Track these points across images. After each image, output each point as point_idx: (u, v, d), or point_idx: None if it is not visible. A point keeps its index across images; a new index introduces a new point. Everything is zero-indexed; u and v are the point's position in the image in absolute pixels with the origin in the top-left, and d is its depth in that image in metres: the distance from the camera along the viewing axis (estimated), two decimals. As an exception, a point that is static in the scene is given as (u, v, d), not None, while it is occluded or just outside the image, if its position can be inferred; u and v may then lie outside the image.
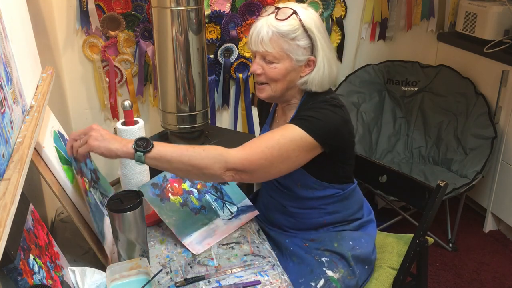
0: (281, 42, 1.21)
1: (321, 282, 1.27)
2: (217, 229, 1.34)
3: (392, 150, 2.64)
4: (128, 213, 1.10)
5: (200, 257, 1.25)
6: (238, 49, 2.39)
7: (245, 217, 1.41)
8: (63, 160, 1.18)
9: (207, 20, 2.27)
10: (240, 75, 2.45)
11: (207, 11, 2.27)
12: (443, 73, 2.53)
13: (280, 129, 1.22)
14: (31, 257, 0.93)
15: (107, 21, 2.23)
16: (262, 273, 1.18)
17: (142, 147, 1.09)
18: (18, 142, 0.91)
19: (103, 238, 1.20)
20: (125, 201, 1.12)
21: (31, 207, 1.05)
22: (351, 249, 1.33)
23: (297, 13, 1.22)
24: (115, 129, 1.35)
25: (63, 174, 1.15)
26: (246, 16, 2.34)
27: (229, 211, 1.40)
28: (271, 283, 1.15)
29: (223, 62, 2.39)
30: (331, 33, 2.51)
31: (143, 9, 2.25)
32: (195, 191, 1.40)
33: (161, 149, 1.11)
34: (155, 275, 1.07)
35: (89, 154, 1.21)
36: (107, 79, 2.34)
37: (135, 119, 1.35)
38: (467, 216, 2.60)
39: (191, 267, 1.21)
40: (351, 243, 1.34)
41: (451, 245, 2.39)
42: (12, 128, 0.89)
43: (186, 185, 1.40)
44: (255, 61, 1.26)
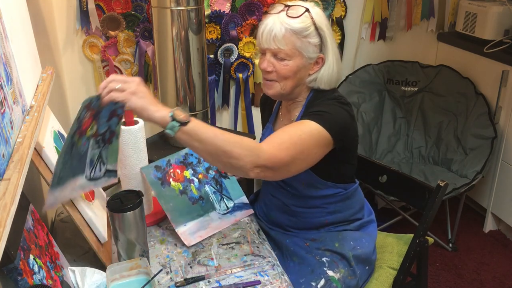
0: (294, 39, 1.21)
1: (322, 282, 1.27)
2: (211, 223, 1.35)
3: (392, 150, 2.64)
4: (128, 213, 1.10)
5: (200, 257, 1.25)
6: (238, 49, 2.38)
7: (240, 215, 1.41)
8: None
9: (207, 20, 2.27)
10: (240, 75, 2.45)
11: (207, 11, 2.27)
12: (443, 73, 2.53)
13: (297, 124, 1.19)
14: (31, 257, 0.93)
15: (107, 21, 2.23)
16: (262, 273, 1.18)
17: (179, 117, 1.02)
18: (18, 142, 0.91)
19: (56, 183, 1.03)
20: (125, 201, 1.12)
21: (31, 207, 1.05)
22: (352, 249, 1.33)
23: (309, 11, 1.23)
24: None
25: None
26: (246, 16, 2.34)
27: (226, 205, 1.40)
28: (271, 283, 1.15)
29: (223, 62, 2.39)
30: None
31: (143, 9, 2.25)
32: (196, 180, 1.39)
33: (198, 125, 1.04)
34: (155, 275, 1.07)
35: (121, 114, 1.07)
36: (107, 79, 2.34)
37: (135, 119, 1.34)
38: (467, 216, 2.60)
39: (191, 267, 1.21)
40: (352, 243, 1.34)
41: (451, 245, 2.38)
42: (12, 128, 0.89)
43: (188, 173, 1.39)
44: (265, 58, 1.25)
